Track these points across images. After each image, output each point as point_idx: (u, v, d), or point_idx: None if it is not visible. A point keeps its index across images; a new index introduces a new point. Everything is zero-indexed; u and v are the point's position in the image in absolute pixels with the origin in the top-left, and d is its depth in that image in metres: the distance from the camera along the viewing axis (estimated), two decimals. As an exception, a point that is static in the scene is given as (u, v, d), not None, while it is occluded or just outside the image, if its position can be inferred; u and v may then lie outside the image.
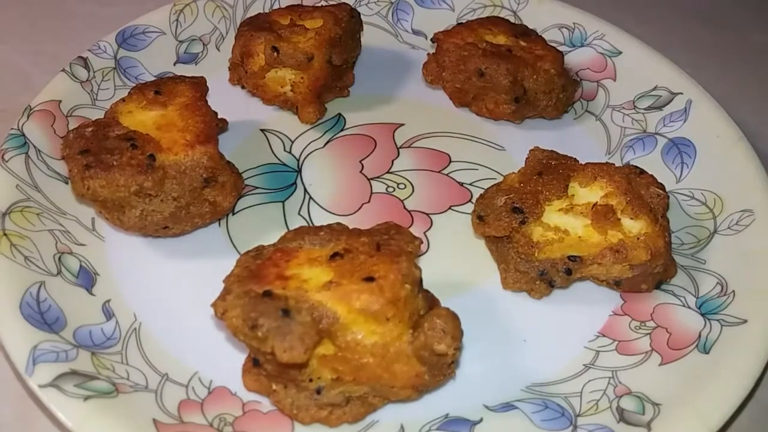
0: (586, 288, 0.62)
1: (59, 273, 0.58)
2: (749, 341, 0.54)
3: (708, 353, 0.55)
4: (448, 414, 0.53)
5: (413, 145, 0.73)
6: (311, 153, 0.72)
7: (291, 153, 0.72)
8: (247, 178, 0.69)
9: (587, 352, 0.58)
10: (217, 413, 0.53)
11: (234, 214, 0.66)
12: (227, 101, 0.72)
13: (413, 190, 0.69)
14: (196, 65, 0.78)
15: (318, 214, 0.66)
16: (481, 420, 0.53)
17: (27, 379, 0.51)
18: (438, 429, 0.52)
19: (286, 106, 0.74)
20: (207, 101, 0.64)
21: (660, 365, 0.55)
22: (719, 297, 0.59)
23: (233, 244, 0.64)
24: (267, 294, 0.48)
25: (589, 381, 0.55)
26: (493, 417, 0.53)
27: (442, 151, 0.72)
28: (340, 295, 0.48)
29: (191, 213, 0.61)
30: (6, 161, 0.63)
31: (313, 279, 0.49)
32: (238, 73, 0.74)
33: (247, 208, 0.67)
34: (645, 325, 0.59)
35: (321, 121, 0.74)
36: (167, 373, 0.55)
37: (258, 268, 0.51)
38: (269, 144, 0.72)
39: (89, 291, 0.59)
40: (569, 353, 0.57)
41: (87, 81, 0.72)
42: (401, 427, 0.53)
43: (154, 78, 0.74)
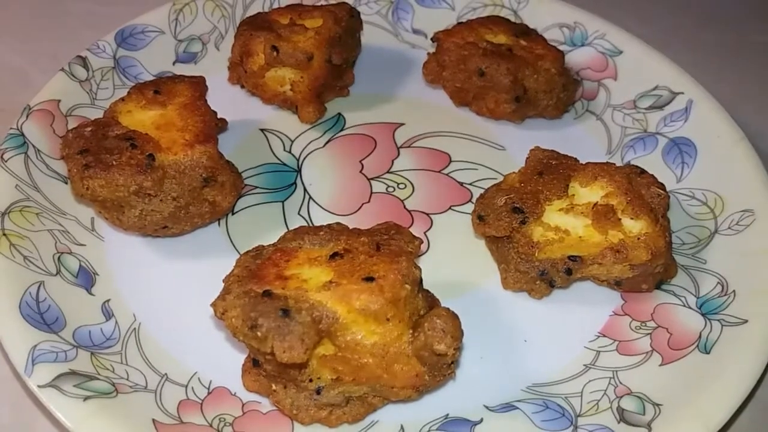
0: (586, 288, 0.61)
1: (59, 273, 0.58)
2: (750, 341, 0.54)
3: (709, 353, 0.55)
4: (448, 414, 0.53)
5: (413, 145, 0.73)
6: (311, 153, 0.72)
7: (291, 153, 0.72)
8: (247, 177, 0.68)
9: (587, 352, 0.57)
10: (217, 413, 0.52)
11: (234, 213, 0.66)
12: (227, 101, 0.72)
13: (413, 190, 0.69)
14: (195, 65, 0.78)
15: (318, 214, 0.66)
16: (482, 420, 0.53)
17: (26, 379, 0.51)
18: (438, 429, 0.52)
19: (285, 105, 0.74)
20: (206, 101, 0.64)
21: (660, 365, 0.55)
22: (720, 297, 0.58)
23: (233, 244, 0.64)
24: (267, 294, 0.48)
25: (590, 381, 0.55)
26: (494, 417, 0.53)
27: (442, 151, 0.72)
28: (340, 295, 0.48)
29: (191, 213, 0.61)
30: (5, 161, 0.63)
31: (313, 279, 0.49)
32: (237, 73, 0.74)
33: (247, 207, 0.66)
34: (645, 325, 0.59)
35: (321, 121, 0.74)
36: (167, 374, 0.54)
37: (258, 268, 0.51)
38: (269, 144, 0.72)
39: (89, 291, 0.59)
40: (569, 353, 0.57)
41: (86, 80, 0.72)
42: (401, 428, 0.52)
43: (153, 77, 0.74)
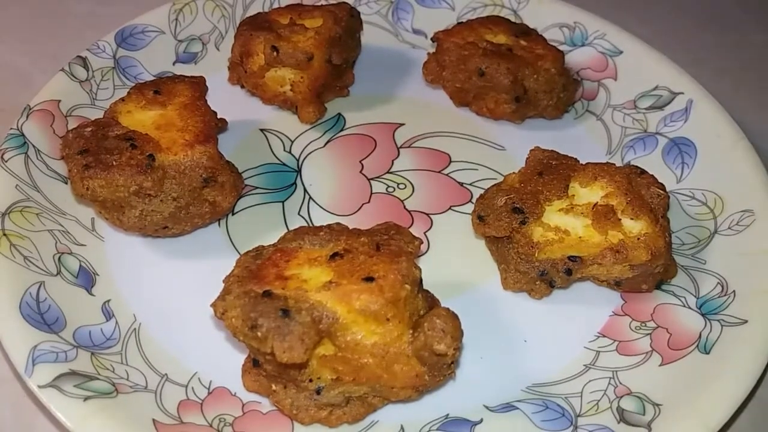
0: (586, 288, 0.61)
1: (59, 273, 0.58)
2: (749, 341, 0.54)
3: (708, 353, 0.55)
4: (448, 414, 0.53)
5: (413, 145, 0.73)
6: (311, 153, 0.72)
7: (291, 153, 0.72)
8: (247, 178, 0.68)
9: (587, 352, 0.57)
10: (217, 413, 0.52)
11: (234, 214, 0.66)
12: (227, 101, 0.72)
13: (413, 190, 0.69)
14: (195, 65, 0.78)
15: (318, 214, 0.66)
16: (482, 420, 0.53)
17: (26, 380, 0.51)
18: (438, 429, 0.52)
19: (285, 105, 0.74)
20: (206, 101, 0.64)
21: (660, 365, 0.55)
22: (720, 297, 0.58)
23: (233, 244, 0.64)
24: (267, 294, 0.48)
25: (590, 381, 0.55)
26: (494, 417, 0.53)
27: (442, 151, 0.72)
28: (339, 295, 0.48)
29: (191, 213, 0.61)
30: (5, 161, 0.63)
31: (313, 279, 0.49)
32: (237, 73, 0.74)
33: (247, 208, 0.66)
34: (645, 326, 0.59)
35: (321, 121, 0.74)
36: (167, 374, 0.54)
37: (258, 268, 0.51)
38: (269, 144, 0.72)
39: (89, 291, 0.59)
40: (569, 353, 0.57)
41: (86, 81, 0.72)
42: (401, 428, 0.52)
43: (153, 78, 0.74)
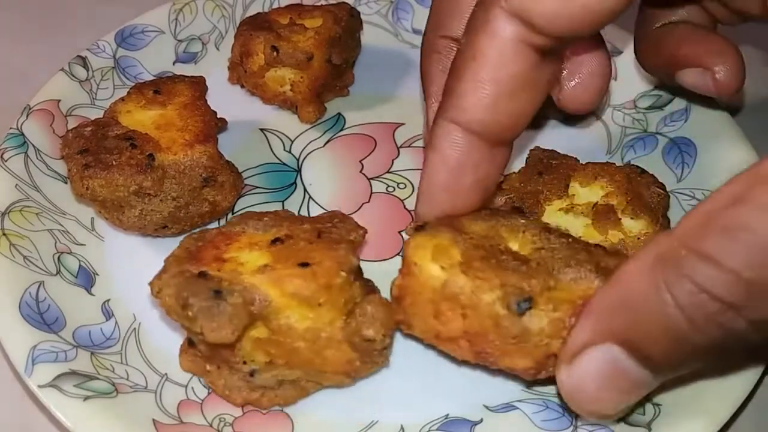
0: (586, 288, 0.61)
1: (58, 273, 0.58)
2: (750, 341, 0.54)
3: (708, 353, 0.55)
4: (448, 414, 0.53)
5: (413, 145, 0.73)
6: (311, 152, 0.72)
7: (291, 152, 0.72)
8: (247, 177, 0.68)
9: (587, 352, 0.57)
10: (217, 413, 0.52)
11: (234, 213, 0.66)
12: (227, 101, 0.72)
13: (413, 189, 0.69)
14: (195, 65, 0.78)
15: (318, 213, 0.66)
16: (481, 420, 0.53)
17: (26, 380, 0.51)
18: (438, 429, 0.52)
19: (285, 105, 0.74)
20: (206, 101, 0.64)
21: (660, 365, 0.55)
22: (720, 297, 0.58)
23: (233, 243, 0.64)
24: (201, 275, 0.48)
25: (590, 381, 0.55)
26: (494, 417, 0.53)
27: (442, 151, 0.72)
28: (273, 279, 0.48)
29: (191, 213, 0.61)
30: (5, 161, 0.63)
31: (250, 262, 0.50)
32: (237, 73, 0.74)
33: (247, 207, 0.66)
34: (645, 325, 0.58)
35: (321, 121, 0.74)
36: (167, 373, 0.54)
37: (198, 249, 0.51)
38: (269, 143, 0.72)
39: (88, 291, 0.59)
40: (569, 353, 0.57)
41: (86, 80, 0.72)
42: (401, 428, 0.52)
43: (153, 77, 0.74)
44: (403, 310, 0.52)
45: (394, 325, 0.51)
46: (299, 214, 0.66)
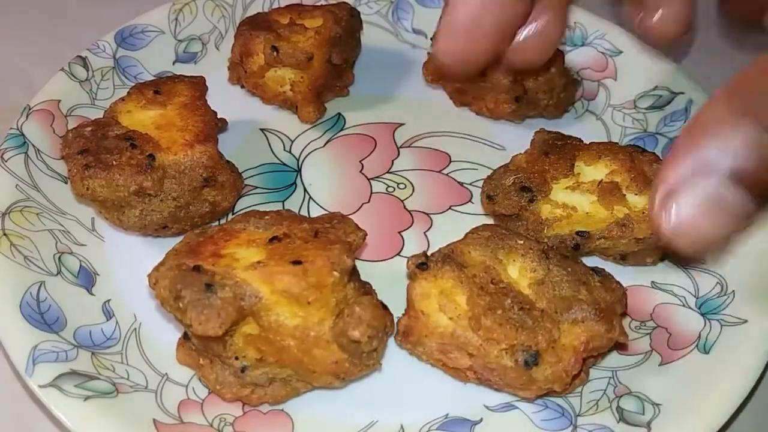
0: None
1: (59, 273, 0.58)
2: (749, 341, 0.54)
3: (708, 353, 0.55)
4: (448, 414, 0.53)
5: (413, 145, 0.73)
6: (311, 153, 0.72)
7: (291, 153, 0.72)
8: (247, 177, 0.68)
9: (587, 352, 0.58)
10: (217, 413, 0.53)
11: (234, 213, 0.66)
12: (227, 101, 0.72)
13: (413, 190, 0.69)
14: (195, 65, 0.78)
15: (318, 213, 0.66)
16: (481, 420, 0.53)
17: (27, 380, 0.51)
18: (438, 429, 0.52)
19: (285, 105, 0.74)
20: (206, 101, 0.64)
21: (660, 365, 0.55)
22: (719, 297, 0.59)
23: (233, 243, 0.64)
24: (196, 268, 0.49)
25: (589, 381, 0.55)
26: (493, 417, 0.53)
27: (442, 151, 0.72)
28: (265, 275, 0.49)
29: (191, 213, 0.61)
30: (5, 161, 0.63)
31: (245, 258, 0.50)
32: (237, 73, 0.74)
33: (247, 207, 0.66)
34: (645, 325, 0.59)
35: (321, 121, 0.74)
36: (167, 373, 0.55)
37: (197, 244, 0.52)
38: (269, 144, 0.72)
39: (89, 291, 0.59)
40: (569, 353, 0.57)
41: (86, 80, 0.72)
42: (401, 427, 0.53)
43: (153, 77, 0.74)
44: (410, 342, 0.53)
45: (383, 329, 0.51)
46: (299, 214, 0.66)
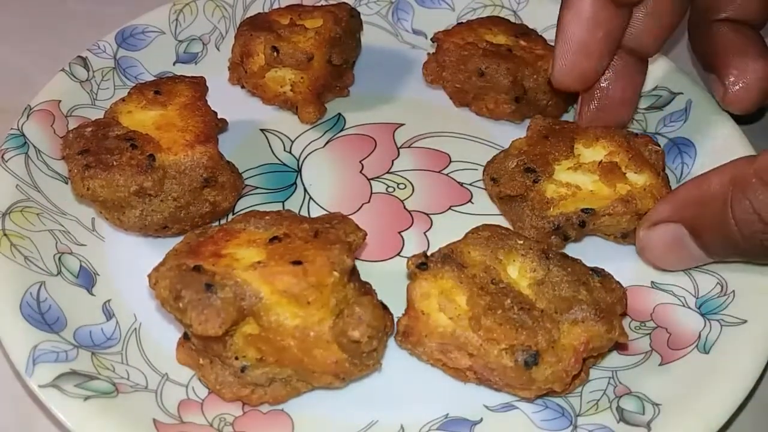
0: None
1: (59, 273, 0.58)
2: (749, 341, 0.54)
3: (708, 353, 0.55)
4: (448, 414, 0.53)
5: (413, 145, 0.73)
6: (311, 153, 0.72)
7: (291, 153, 0.72)
8: (247, 178, 0.69)
9: (587, 352, 0.58)
10: (217, 413, 0.53)
11: (234, 214, 0.66)
12: (227, 101, 0.72)
13: (413, 190, 0.69)
14: (195, 65, 0.78)
15: (318, 214, 0.66)
16: (481, 420, 0.53)
17: (27, 380, 0.51)
18: (438, 429, 0.52)
19: (286, 105, 0.74)
20: (207, 101, 0.64)
21: (660, 365, 0.55)
22: (719, 297, 0.59)
23: (233, 244, 0.64)
24: (196, 268, 0.49)
25: (589, 381, 0.55)
26: (493, 417, 0.53)
27: (442, 151, 0.72)
28: (265, 275, 0.49)
29: (191, 213, 0.61)
30: (6, 161, 0.63)
31: (245, 258, 0.50)
32: (237, 73, 0.74)
33: (247, 208, 0.66)
34: (645, 325, 0.59)
35: (321, 121, 0.74)
36: (167, 373, 0.55)
37: (198, 244, 0.52)
38: (269, 144, 0.72)
39: (89, 291, 0.59)
40: (569, 353, 0.57)
41: (86, 81, 0.72)
42: (401, 427, 0.53)
43: (153, 78, 0.74)
44: (410, 342, 0.53)
45: (383, 329, 0.51)
46: (299, 214, 0.66)
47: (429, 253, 0.55)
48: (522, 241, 0.55)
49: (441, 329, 0.51)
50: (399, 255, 0.64)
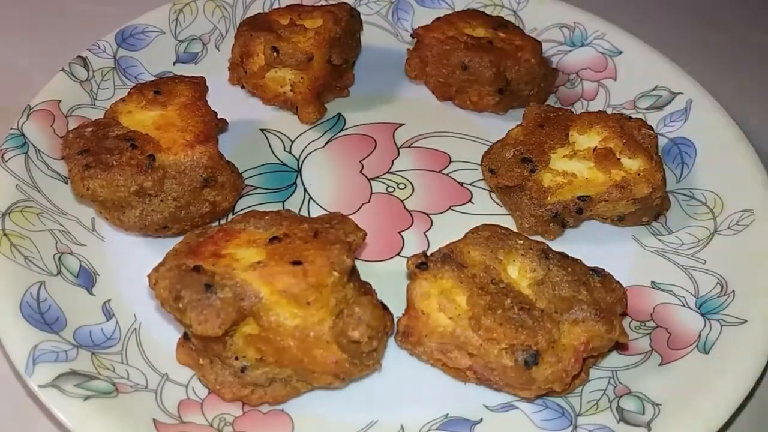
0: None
1: (59, 273, 0.58)
2: (749, 341, 0.54)
3: (708, 353, 0.55)
4: (448, 414, 0.53)
5: (413, 145, 0.73)
6: (311, 153, 0.72)
7: (291, 153, 0.72)
8: (247, 178, 0.68)
9: (587, 352, 0.58)
10: (217, 413, 0.53)
11: (234, 214, 0.66)
12: (227, 101, 0.72)
13: (413, 190, 0.69)
14: (195, 65, 0.78)
15: (318, 214, 0.66)
16: (481, 420, 0.53)
17: (27, 379, 0.51)
18: (438, 429, 0.52)
19: (286, 106, 0.74)
20: (206, 101, 0.64)
21: (660, 365, 0.55)
22: (719, 297, 0.59)
23: (233, 244, 0.64)
24: (196, 269, 0.49)
25: (589, 381, 0.55)
26: (493, 417, 0.53)
27: (442, 151, 0.72)
28: (265, 276, 0.49)
29: (191, 213, 0.61)
30: (6, 161, 0.63)
31: (245, 259, 0.50)
32: (237, 73, 0.74)
33: (247, 208, 0.66)
34: (645, 325, 0.59)
35: (321, 121, 0.74)
36: (167, 373, 0.55)
37: (198, 244, 0.52)
38: (269, 144, 0.72)
39: (89, 291, 0.59)
40: (569, 353, 0.57)
41: (86, 81, 0.72)
42: (401, 427, 0.53)
43: (153, 78, 0.74)
44: (410, 342, 0.53)
45: (383, 329, 0.51)
46: (299, 214, 0.66)
47: (429, 253, 0.55)
48: (522, 241, 0.55)
49: (441, 329, 0.51)
50: (399, 255, 0.64)
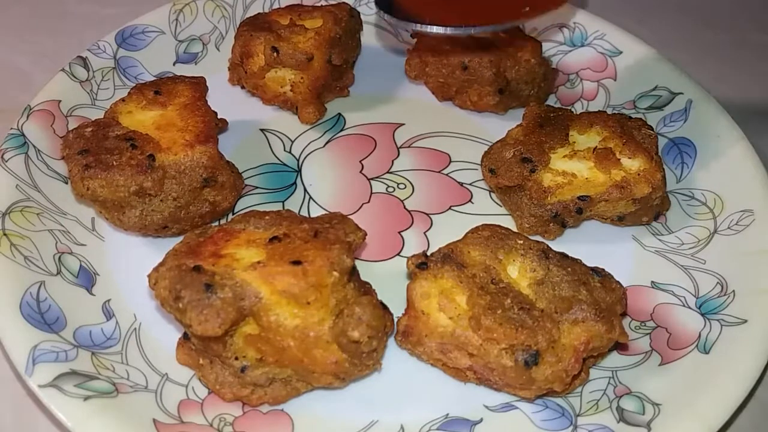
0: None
1: (59, 273, 0.58)
2: (749, 341, 0.54)
3: (708, 353, 0.55)
4: (448, 414, 0.53)
5: (413, 145, 0.73)
6: (311, 153, 0.72)
7: (291, 153, 0.72)
8: (247, 178, 0.69)
9: (587, 352, 0.58)
10: (217, 413, 0.53)
11: (234, 214, 0.66)
12: (227, 101, 0.72)
13: (413, 190, 0.69)
14: (195, 65, 0.78)
15: (318, 213, 0.66)
16: (481, 420, 0.53)
17: (27, 379, 0.51)
18: (438, 429, 0.52)
19: (286, 106, 0.74)
20: (206, 101, 0.64)
21: (660, 365, 0.55)
22: (719, 297, 0.59)
23: (233, 244, 0.64)
24: (196, 269, 0.49)
25: (589, 381, 0.55)
26: (493, 417, 0.53)
27: (442, 151, 0.72)
28: (265, 276, 0.49)
29: (191, 213, 0.61)
30: (6, 161, 0.63)
31: (245, 259, 0.50)
32: (237, 73, 0.74)
33: (247, 208, 0.66)
34: (645, 325, 0.59)
35: (321, 121, 0.74)
36: (167, 373, 0.55)
37: (198, 244, 0.52)
38: (269, 144, 0.72)
39: (89, 291, 0.59)
40: (569, 353, 0.57)
41: (86, 81, 0.72)
42: (401, 427, 0.53)
43: (153, 78, 0.74)
44: (410, 342, 0.53)
45: (383, 329, 0.51)
46: (299, 214, 0.66)
47: (429, 253, 0.55)
48: (522, 241, 0.55)
49: (441, 329, 0.51)
50: (399, 255, 0.64)
